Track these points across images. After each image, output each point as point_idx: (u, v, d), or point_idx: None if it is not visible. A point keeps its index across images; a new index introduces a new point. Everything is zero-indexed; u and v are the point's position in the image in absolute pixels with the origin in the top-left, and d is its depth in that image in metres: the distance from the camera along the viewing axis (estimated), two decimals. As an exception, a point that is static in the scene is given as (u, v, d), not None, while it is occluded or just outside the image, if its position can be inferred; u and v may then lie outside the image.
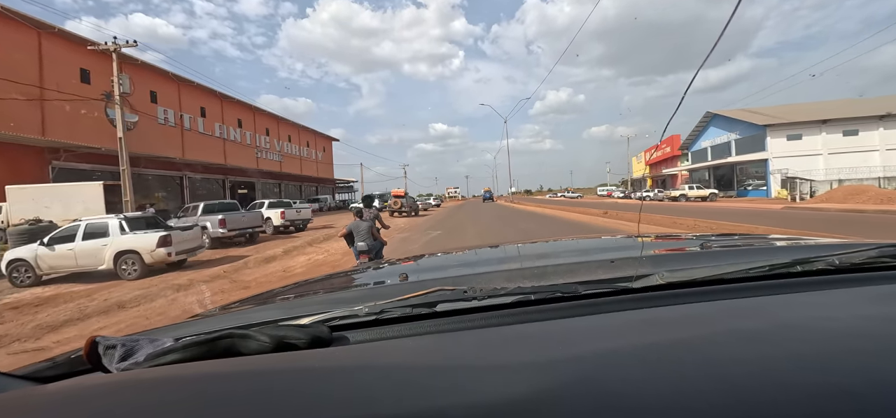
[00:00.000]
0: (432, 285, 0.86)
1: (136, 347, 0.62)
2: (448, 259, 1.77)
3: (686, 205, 26.92)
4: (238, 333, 0.60)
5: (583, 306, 0.77)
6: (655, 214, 17.42)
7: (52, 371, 0.73)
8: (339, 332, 0.71)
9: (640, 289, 0.81)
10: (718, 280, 0.84)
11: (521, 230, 14.95)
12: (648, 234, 2.08)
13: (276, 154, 45.82)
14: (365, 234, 5.85)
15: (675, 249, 1.51)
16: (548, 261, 1.45)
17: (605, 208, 24.21)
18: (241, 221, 14.10)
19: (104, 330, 5.47)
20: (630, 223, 14.40)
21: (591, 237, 2.33)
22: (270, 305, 1.03)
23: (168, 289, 7.69)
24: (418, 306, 0.75)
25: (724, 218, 16.35)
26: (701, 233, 2.29)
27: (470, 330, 0.70)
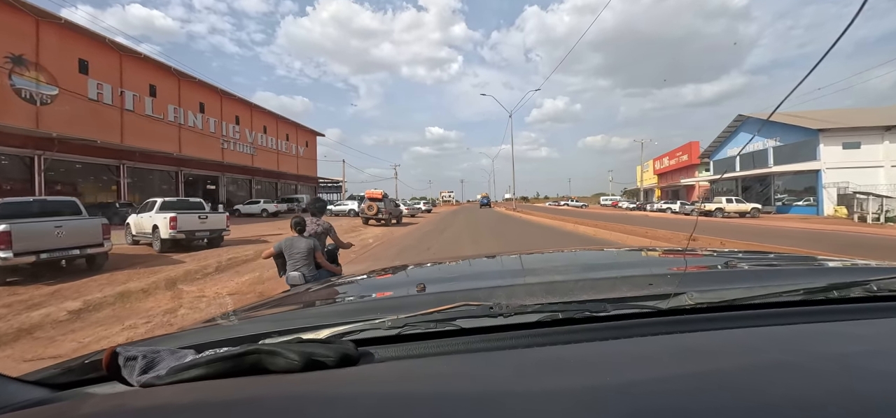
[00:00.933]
0: (453, 297, 0.85)
1: (158, 359, 0.60)
2: (464, 267, 1.73)
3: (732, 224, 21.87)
4: (265, 349, 0.58)
5: (614, 328, 0.74)
6: (704, 235, 12.44)
7: (66, 377, 0.72)
8: (363, 347, 0.68)
9: (673, 310, 0.78)
10: (757, 304, 0.81)
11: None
12: (673, 249, 2.12)
13: (247, 146, 40.40)
14: (302, 260, 3.87)
15: (705, 267, 1.37)
16: (570, 275, 1.37)
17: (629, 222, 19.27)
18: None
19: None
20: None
21: (609, 249, 2.22)
22: (289, 311, 1.02)
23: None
24: (443, 321, 0.74)
25: (804, 244, 11.48)
26: (730, 250, 2.02)
27: (499, 352, 0.68)
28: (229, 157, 36.73)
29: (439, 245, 12.10)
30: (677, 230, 14.47)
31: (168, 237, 9.58)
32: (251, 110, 41.33)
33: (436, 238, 13.57)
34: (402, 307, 0.80)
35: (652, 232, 14.03)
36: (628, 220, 23.02)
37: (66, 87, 22.91)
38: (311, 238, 4.04)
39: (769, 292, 0.84)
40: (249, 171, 39.71)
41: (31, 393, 0.67)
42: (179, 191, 31.33)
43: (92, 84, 24.77)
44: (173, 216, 9.71)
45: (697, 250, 2.03)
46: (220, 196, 35.92)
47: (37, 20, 22.17)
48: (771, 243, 10.95)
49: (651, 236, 12.89)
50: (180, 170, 31.34)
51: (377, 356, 0.67)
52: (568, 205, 69.79)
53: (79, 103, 23.50)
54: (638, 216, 31.18)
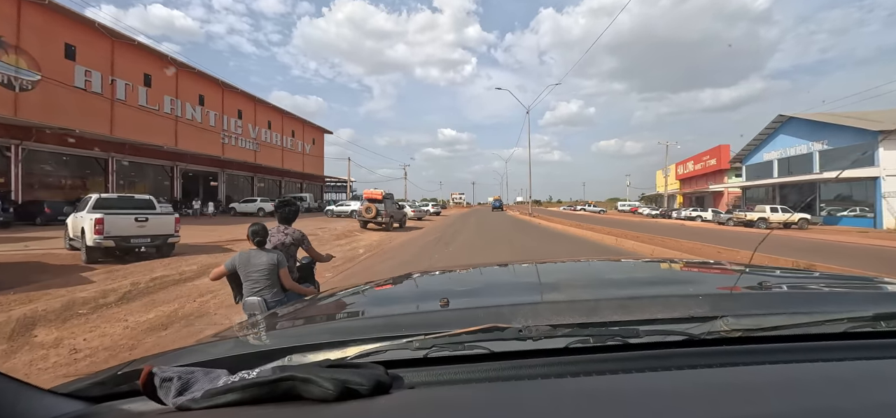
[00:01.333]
0: (477, 315, 0.85)
1: (192, 380, 0.62)
2: (483, 277, 1.71)
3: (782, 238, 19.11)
4: (300, 376, 0.59)
5: (648, 358, 0.71)
6: (769, 253, 9.91)
7: (98, 390, 0.73)
8: (393, 369, 0.68)
9: (710, 339, 0.74)
10: (805, 334, 0.76)
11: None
12: (703, 262, 1.92)
13: (249, 141, 38.75)
14: (263, 280, 3.02)
15: (742, 287, 1.24)
16: (595, 292, 1.34)
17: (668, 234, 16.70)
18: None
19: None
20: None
21: (630, 260, 2.19)
22: (314, 325, 1.04)
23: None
24: (471, 344, 0.73)
25: (879, 266, 8.86)
26: (768, 266, 1.75)
27: (532, 381, 0.66)
28: (230, 153, 35.08)
29: (445, 261, 9.89)
30: (727, 244, 11.94)
31: (93, 244, 7.49)
32: (255, 104, 39.70)
33: (441, 250, 10.95)
34: (426, 325, 0.80)
35: (701, 246, 11.54)
36: (663, 231, 20.40)
37: (50, 74, 21.31)
38: (274, 251, 3.17)
39: (820, 319, 0.78)
40: (252, 168, 38.05)
41: (67, 407, 0.68)
42: (175, 188, 29.74)
43: (79, 71, 23.16)
44: (100, 217, 7.53)
45: (729, 264, 1.82)
46: (220, 193, 34.32)
47: (19, 0, 20.66)
48: (840, 263, 8.46)
49: (702, 252, 10.42)
50: (176, 165, 29.72)
51: (407, 381, 0.66)
52: (585, 210, 66.65)
53: (63, 91, 21.89)
54: (668, 225, 28.38)
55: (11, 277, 6.24)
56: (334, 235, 14.53)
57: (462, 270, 1.83)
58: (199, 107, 32.47)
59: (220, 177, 34.50)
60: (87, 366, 3.34)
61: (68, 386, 0.74)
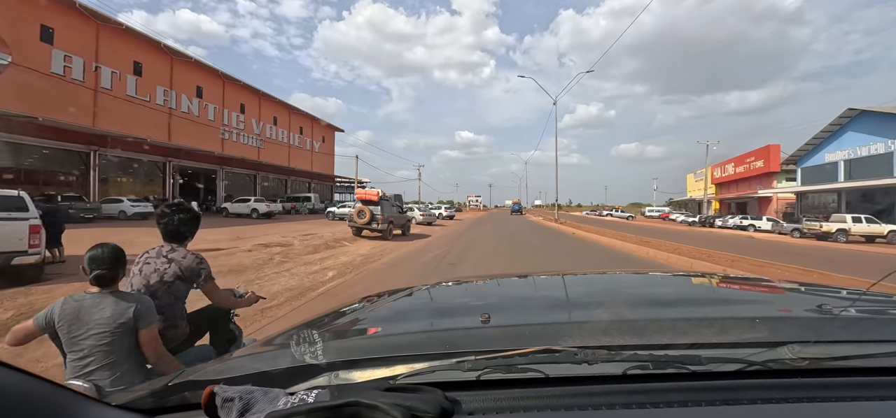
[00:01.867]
0: (522, 333, 0.83)
1: (252, 401, 0.62)
2: (518, 289, 1.65)
3: (871, 255, 15.27)
4: (365, 402, 0.58)
5: (712, 390, 0.67)
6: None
7: (152, 402, 0.74)
8: (450, 392, 0.66)
9: (776, 369, 0.69)
10: (887, 369, 0.70)
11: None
12: (758, 279, 1.80)
13: (252, 137, 36.55)
14: (99, 349, 1.71)
15: (813, 310, 1.14)
16: (644, 311, 1.25)
17: (734, 249, 13.17)
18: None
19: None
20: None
21: (676, 274, 2.07)
22: (362, 338, 1.05)
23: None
24: (524, 366, 0.71)
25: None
26: (835, 286, 1.55)
27: (594, 410, 0.64)
28: (231, 149, 32.87)
29: (455, 273, 6.88)
30: (824, 267, 8.42)
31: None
32: (259, 98, 37.50)
33: (447, 272, 8.07)
34: (471, 342, 0.79)
35: (801, 272, 8.13)
36: (719, 244, 16.79)
37: (23, 59, 19.21)
38: (131, 297, 1.82)
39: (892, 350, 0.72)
40: (254, 166, 35.80)
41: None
42: (167, 185, 27.58)
43: (57, 55, 21.09)
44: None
45: (786, 283, 1.61)
46: (220, 192, 32.12)
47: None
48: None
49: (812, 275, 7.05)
50: (169, 161, 27.54)
51: (466, 406, 0.65)
52: (612, 215, 62.33)
53: (36, 76, 19.77)
54: (718, 237, 24.48)
55: None
56: (314, 246, 11.57)
57: (497, 280, 1.83)
58: (197, 100, 30.33)
59: (219, 176, 32.28)
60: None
61: (121, 398, 0.74)
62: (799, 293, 1.38)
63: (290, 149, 42.44)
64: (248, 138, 36.06)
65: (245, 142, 35.54)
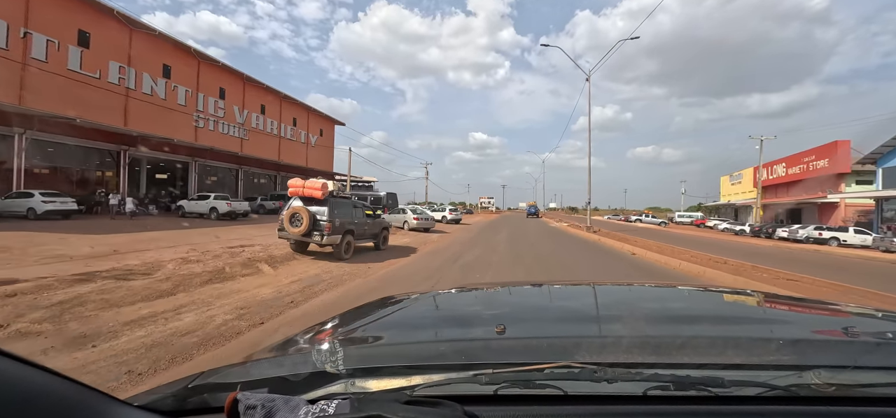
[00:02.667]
0: (539, 347, 0.83)
1: (274, 409, 0.63)
2: (532, 297, 1.64)
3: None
4: (386, 416, 0.59)
5: (734, 414, 0.66)
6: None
7: (172, 403, 0.74)
8: (468, 406, 0.65)
9: (800, 396, 0.67)
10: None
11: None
12: (788, 297, 1.80)
13: (234, 127, 32.38)
14: None
15: (842, 334, 1.06)
16: (666, 328, 1.21)
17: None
18: None
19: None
20: None
21: (699, 290, 1.95)
22: (377, 346, 1.04)
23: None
24: (541, 382, 0.70)
25: None
26: (868, 308, 1.48)
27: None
28: (206, 139, 28.72)
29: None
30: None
31: None
32: (243, 83, 33.31)
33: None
34: (486, 354, 0.79)
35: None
36: (828, 267, 11.65)
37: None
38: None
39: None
40: (237, 159, 31.65)
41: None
42: (123, 178, 23.45)
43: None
44: None
45: (814, 303, 1.65)
46: (192, 186, 27.95)
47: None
48: None
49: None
50: (124, 149, 23.41)
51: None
52: (642, 221, 56.42)
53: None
54: (808, 254, 19.12)
55: None
56: (211, 271, 6.87)
57: (513, 288, 1.81)
58: (163, 80, 26.18)
59: (191, 169, 28.10)
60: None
61: (142, 398, 0.75)
62: (828, 314, 1.32)
63: (281, 142, 38.23)
64: (230, 127, 31.90)
65: (225, 132, 31.37)
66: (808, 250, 20.46)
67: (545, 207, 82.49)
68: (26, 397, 0.53)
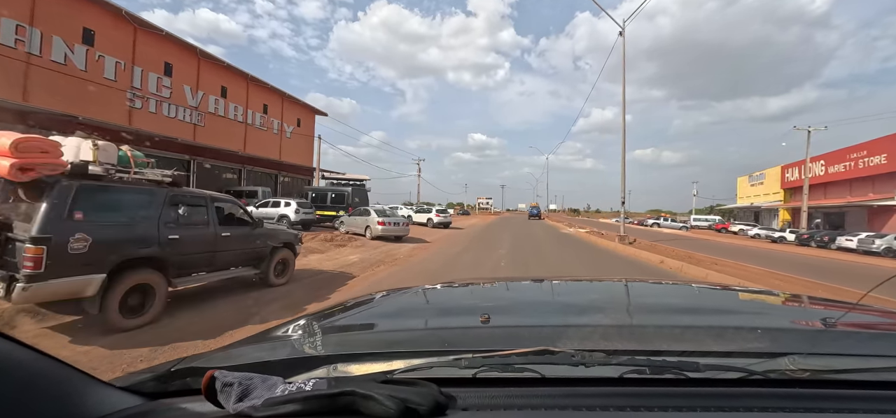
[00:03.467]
0: (521, 335, 0.84)
1: (252, 387, 0.63)
2: (522, 293, 1.65)
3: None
4: (360, 393, 0.60)
5: (707, 396, 0.68)
6: None
7: (154, 386, 0.76)
8: (445, 388, 0.67)
9: (775, 379, 0.70)
10: (889, 383, 0.69)
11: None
12: (776, 293, 1.70)
13: (186, 110, 27.33)
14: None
15: (817, 324, 1.11)
16: (648, 318, 1.24)
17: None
18: None
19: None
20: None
21: (686, 285, 2.05)
22: (361, 333, 1.05)
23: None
24: (521, 366, 0.72)
25: None
26: (843, 301, 1.52)
27: (588, 412, 0.64)
28: (144, 122, 23.72)
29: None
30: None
31: None
32: (197, 60, 28.30)
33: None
34: (469, 341, 0.81)
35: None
36: None
37: None
38: None
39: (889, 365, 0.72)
40: (189, 149, 26.64)
41: (125, 400, 0.71)
42: (20, 168, 18.38)
43: None
44: None
45: (794, 297, 1.61)
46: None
47: None
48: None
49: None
50: (26, 128, 18.33)
51: (461, 402, 0.66)
52: (660, 225, 51.32)
53: None
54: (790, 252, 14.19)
55: None
56: None
57: (500, 283, 1.80)
58: (83, 48, 21.13)
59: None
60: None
61: (126, 380, 0.76)
62: (803, 306, 1.36)
63: (248, 131, 33.22)
64: (179, 111, 26.85)
65: (172, 116, 26.33)
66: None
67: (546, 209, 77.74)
68: (7, 373, 0.54)
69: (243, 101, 32.70)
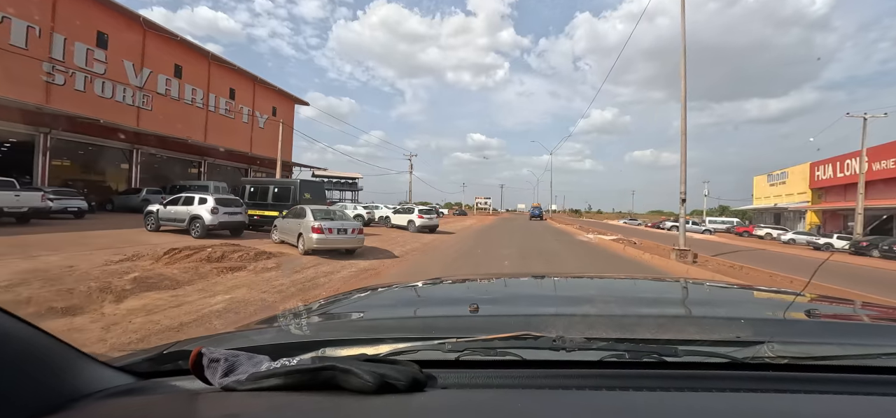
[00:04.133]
0: (509, 323, 0.86)
1: (237, 363, 0.65)
2: (515, 287, 1.69)
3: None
4: (340, 367, 0.61)
5: (686, 377, 0.69)
6: None
7: (147, 366, 0.78)
8: (427, 369, 0.68)
9: (754, 363, 0.72)
10: (855, 366, 0.73)
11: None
12: (760, 288, 1.84)
13: (126, 89, 23.06)
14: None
15: (798, 314, 1.15)
16: (634, 309, 1.30)
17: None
18: None
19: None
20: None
21: (676, 282, 2.05)
22: (351, 321, 1.10)
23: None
24: (503, 350, 0.74)
25: None
26: (823, 295, 1.76)
27: (566, 391, 0.66)
28: (68, 102, 19.45)
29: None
30: None
31: None
32: (143, 32, 24.01)
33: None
34: (457, 328, 0.81)
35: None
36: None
37: None
38: None
39: (877, 352, 0.75)
40: (133, 136, 22.38)
41: (120, 380, 0.72)
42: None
43: None
44: None
45: (776, 290, 1.73)
46: (39, 170, 18.64)
47: None
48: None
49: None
50: None
51: (441, 381, 0.67)
52: (693, 228, 46.83)
53: None
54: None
55: None
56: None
57: (492, 279, 1.86)
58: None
59: (38, 144, 18.70)
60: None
61: (120, 360, 0.78)
62: (788, 298, 1.41)
63: (209, 117, 28.99)
64: (116, 89, 22.57)
65: (107, 95, 22.06)
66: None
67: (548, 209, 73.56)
68: (3, 346, 0.56)
69: (204, 83, 28.47)
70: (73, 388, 0.64)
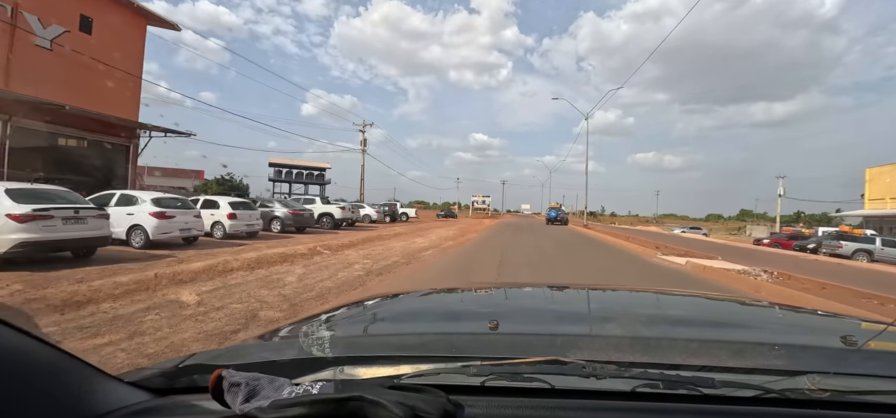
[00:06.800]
0: (531, 343, 0.84)
1: (258, 388, 0.63)
2: (531, 299, 1.66)
3: None
4: (368, 398, 0.58)
5: (725, 414, 0.66)
6: None
7: (161, 382, 0.76)
8: (453, 395, 0.65)
9: (795, 399, 0.67)
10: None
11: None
12: (795, 308, 1.66)
13: None
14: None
15: (838, 341, 1.07)
16: (661, 330, 1.22)
17: None
18: None
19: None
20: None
21: (702, 297, 1.81)
22: (367, 337, 1.08)
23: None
24: (530, 376, 0.71)
25: None
26: (866, 318, 1.60)
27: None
28: None
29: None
30: None
31: None
32: None
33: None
34: (477, 347, 0.79)
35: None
36: None
37: None
38: None
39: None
40: None
41: (132, 396, 0.71)
42: None
43: None
44: None
45: (816, 312, 1.63)
46: None
47: None
48: None
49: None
50: None
51: (469, 411, 0.65)
52: (757, 243, 30.61)
53: None
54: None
55: None
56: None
57: (508, 288, 1.84)
58: None
59: None
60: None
61: (133, 375, 0.76)
62: (822, 321, 1.32)
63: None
64: None
65: None
66: None
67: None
68: (20, 364, 0.56)
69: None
70: (90, 408, 0.62)
